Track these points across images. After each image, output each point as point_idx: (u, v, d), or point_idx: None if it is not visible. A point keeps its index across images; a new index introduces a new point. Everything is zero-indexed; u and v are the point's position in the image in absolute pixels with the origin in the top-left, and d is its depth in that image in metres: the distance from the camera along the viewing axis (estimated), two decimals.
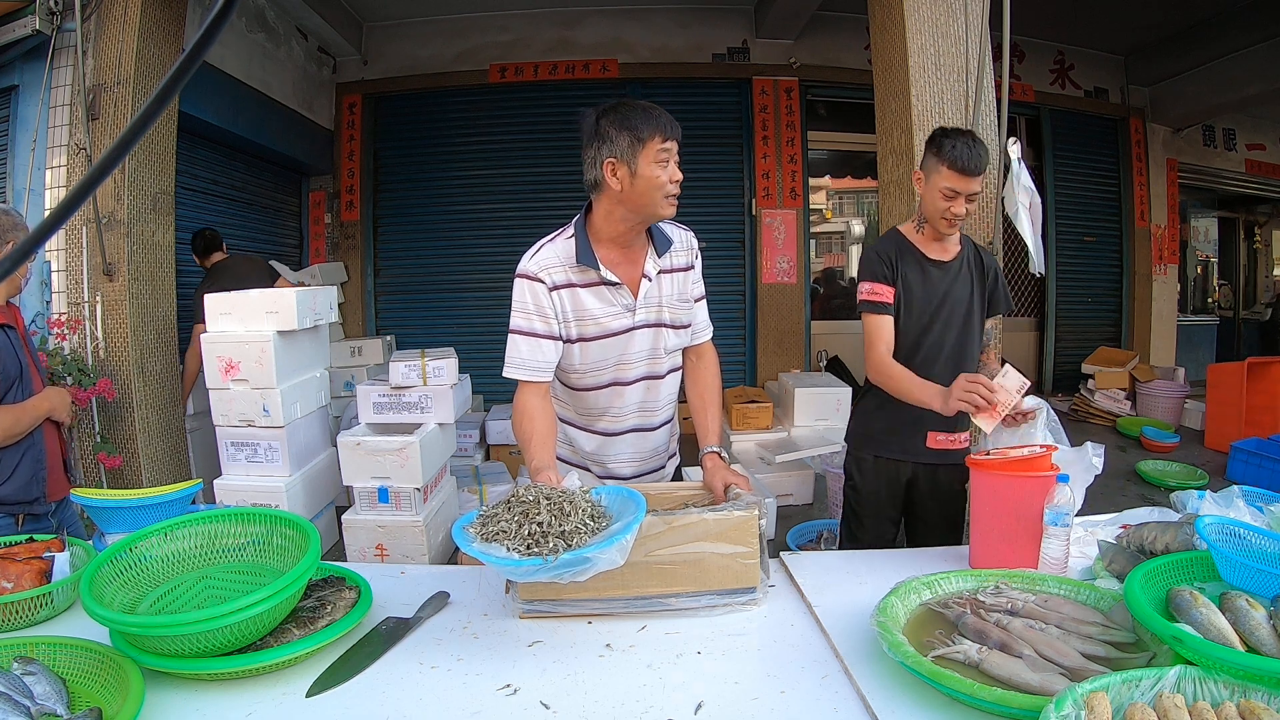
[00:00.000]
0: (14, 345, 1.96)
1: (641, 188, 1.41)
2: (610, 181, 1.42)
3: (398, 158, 5.97)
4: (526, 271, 1.49)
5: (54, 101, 3.37)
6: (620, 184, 1.42)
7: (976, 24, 2.95)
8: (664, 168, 1.41)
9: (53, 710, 0.95)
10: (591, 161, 1.44)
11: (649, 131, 1.39)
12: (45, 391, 2.04)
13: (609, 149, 1.41)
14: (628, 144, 1.40)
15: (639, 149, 1.40)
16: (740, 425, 4.51)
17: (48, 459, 2.03)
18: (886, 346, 1.82)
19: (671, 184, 1.42)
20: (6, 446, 1.90)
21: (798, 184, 5.79)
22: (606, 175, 1.42)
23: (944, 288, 1.87)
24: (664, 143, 1.40)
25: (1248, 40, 5.49)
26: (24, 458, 1.95)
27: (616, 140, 1.40)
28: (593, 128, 1.43)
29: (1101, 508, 1.69)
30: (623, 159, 1.40)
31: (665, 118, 1.42)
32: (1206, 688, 0.85)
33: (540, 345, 1.49)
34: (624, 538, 1.09)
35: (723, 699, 1.00)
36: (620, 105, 1.43)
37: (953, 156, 1.72)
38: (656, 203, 1.43)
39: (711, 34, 5.76)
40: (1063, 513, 1.27)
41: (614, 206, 1.46)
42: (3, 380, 1.89)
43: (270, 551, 1.30)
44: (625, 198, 1.43)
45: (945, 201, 1.77)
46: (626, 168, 1.41)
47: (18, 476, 1.93)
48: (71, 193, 0.40)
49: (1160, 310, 6.61)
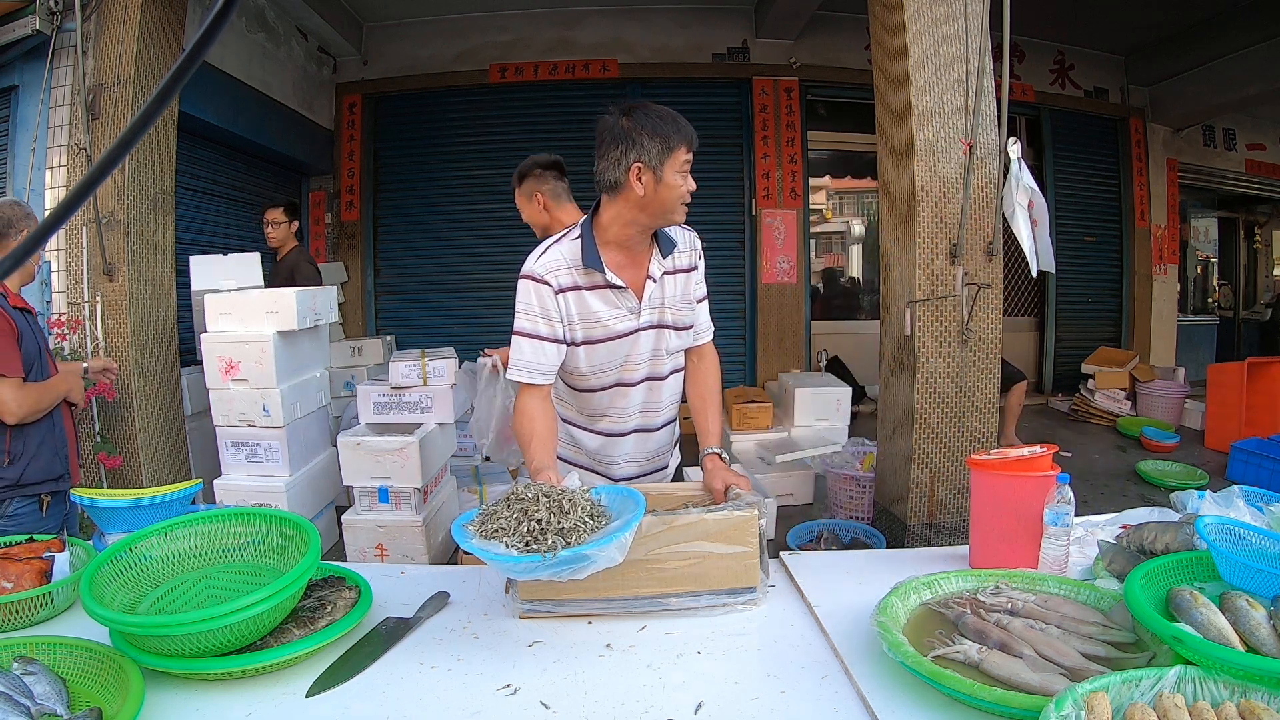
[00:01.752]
0: (34, 330, 2.09)
1: (664, 195, 1.41)
2: (634, 186, 1.40)
3: (398, 158, 5.97)
4: (532, 273, 1.48)
5: (54, 101, 3.37)
6: (644, 190, 1.41)
7: (976, 24, 2.95)
8: (685, 177, 1.43)
9: (53, 710, 0.95)
10: (615, 163, 1.41)
11: (678, 141, 1.40)
12: (62, 372, 2.17)
13: (637, 153, 1.39)
14: (657, 151, 1.39)
15: (667, 157, 1.39)
16: (740, 425, 4.51)
17: (68, 441, 2.17)
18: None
19: (688, 193, 1.44)
20: (30, 425, 2.02)
21: (798, 184, 5.79)
22: (631, 179, 1.40)
23: None
24: (688, 153, 1.41)
25: (1248, 40, 5.49)
26: (46, 439, 2.07)
27: (647, 146, 1.38)
28: (620, 130, 1.41)
29: (1101, 508, 1.70)
30: (649, 165, 1.39)
31: (689, 128, 1.43)
32: (1206, 688, 0.85)
33: (543, 348, 1.49)
34: (623, 535, 1.09)
35: (723, 699, 1.00)
36: (647, 109, 1.41)
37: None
38: (673, 209, 1.45)
39: (711, 34, 5.76)
40: (1063, 513, 1.27)
41: (629, 210, 1.45)
42: (25, 361, 2.01)
43: (270, 551, 1.30)
44: (647, 204, 1.42)
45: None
46: (653, 174, 1.40)
47: (41, 456, 2.05)
48: (72, 192, 0.40)
49: (1160, 310, 6.61)
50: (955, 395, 3.06)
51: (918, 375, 3.04)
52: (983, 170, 2.99)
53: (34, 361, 2.06)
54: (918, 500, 3.10)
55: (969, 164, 2.95)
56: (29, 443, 2.03)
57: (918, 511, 3.11)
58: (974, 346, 3.04)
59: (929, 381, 3.05)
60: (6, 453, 2.00)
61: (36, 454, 2.05)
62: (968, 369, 3.05)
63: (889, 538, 3.19)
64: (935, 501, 3.09)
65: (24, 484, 2.03)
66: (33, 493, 2.05)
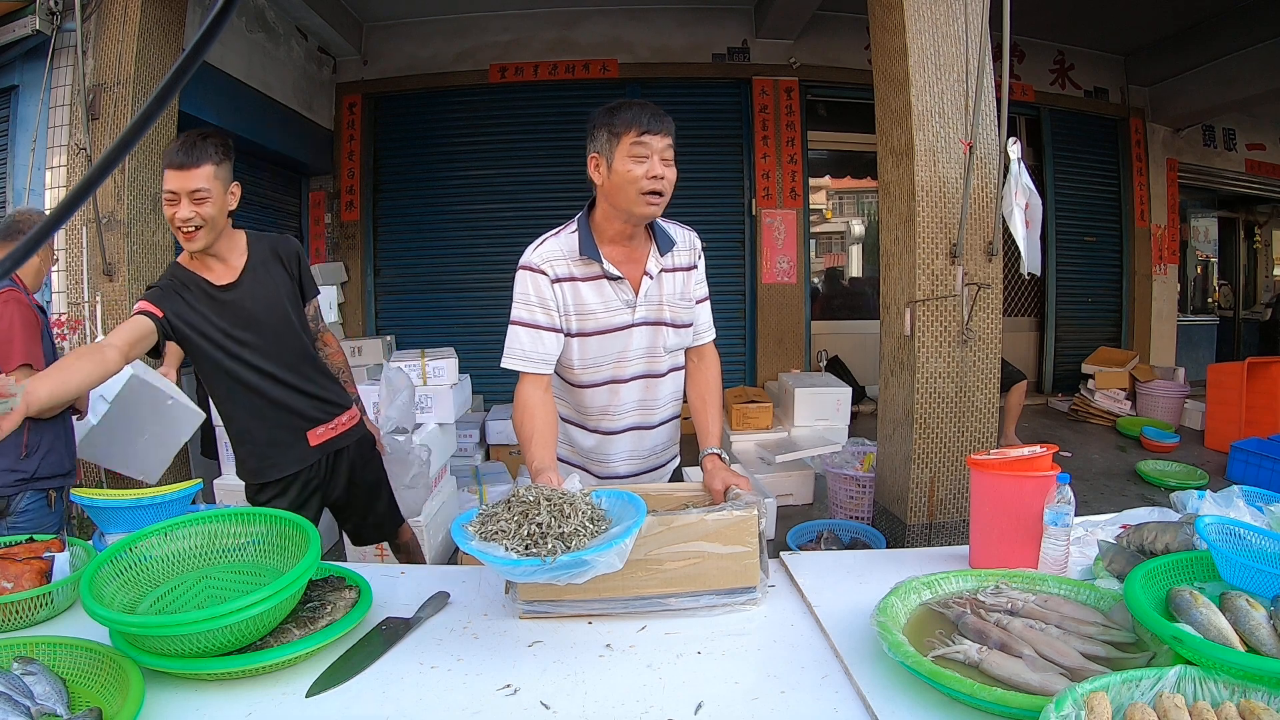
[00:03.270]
0: (47, 329, 2.19)
1: (618, 183, 1.42)
2: (594, 176, 1.47)
3: (398, 158, 5.97)
4: (529, 263, 1.50)
5: (54, 101, 3.37)
6: (602, 179, 1.45)
7: (976, 24, 2.95)
8: (639, 163, 1.40)
9: (53, 710, 0.95)
10: (587, 160, 1.48)
11: (623, 126, 1.40)
12: None
13: (593, 145, 1.45)
14: (606, 139, 1.42)
15: (616, 144, 1.41)
16: (740, 425, 4.51)
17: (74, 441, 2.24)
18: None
19: (649, 180, 1.40)
20: (45, 420, 2.10)
21: (798, 184, 5.79)
22: (591, 171, 1.46)
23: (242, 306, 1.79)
24: (639, 136, 1.39)
25: (1248, 40, 5.49)
26: (56, 436, 2.14)
27: (598, 136, 1.44)
28: (589, 125, 1.47)
29: (1101, 508, 1.70)
30: (602, 154, 1.43)
31: (647, 112, 1.41)
32: (1206, 688, 0.85)
33: (541, 336, 1.49)
34: (623, 541, 1.08)
35: (723, 699, 1.00)
36: (615, 103, 1.45)
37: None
38: (631, 199, 1.42)
39: (711, 34, 5.76)
40: (1063, 513, 1.26)
41: (603, 202, 1.49)
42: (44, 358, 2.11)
43: (270, 551, 1.30)
44: (609, 193, 1.46)
45: (171, 208, 1.68)
46: (606, 163, 1.43)
47: (55, 451, 2.12)
48: (72, 192, 0.40)
49: (1160, 310, 6.61)
50: (955, 395, 3.06)
51: (918, 375, 3.04)
52: (983, 170, 2.99)
53: (49, 359, 2.14)
54: (918, 500, 3.10)
55: (969, 164, 2.95)
56: (45, 437, 2.09)
57: (918, 511, 3.11)
58: (974, 346, 3.05)
59: (929, 381, 3.05)
60: (24, 445, 2.06)
61: (51, 448, 2.11)
62: (968, 369, 3.06)
63: (889, 538, 3.19)
64: (935, 501, 3.09)
65: (38, 478, 2.09)
66: (44, 487, 2.10)
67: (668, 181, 1.43)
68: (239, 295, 1.78)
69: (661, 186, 1.42)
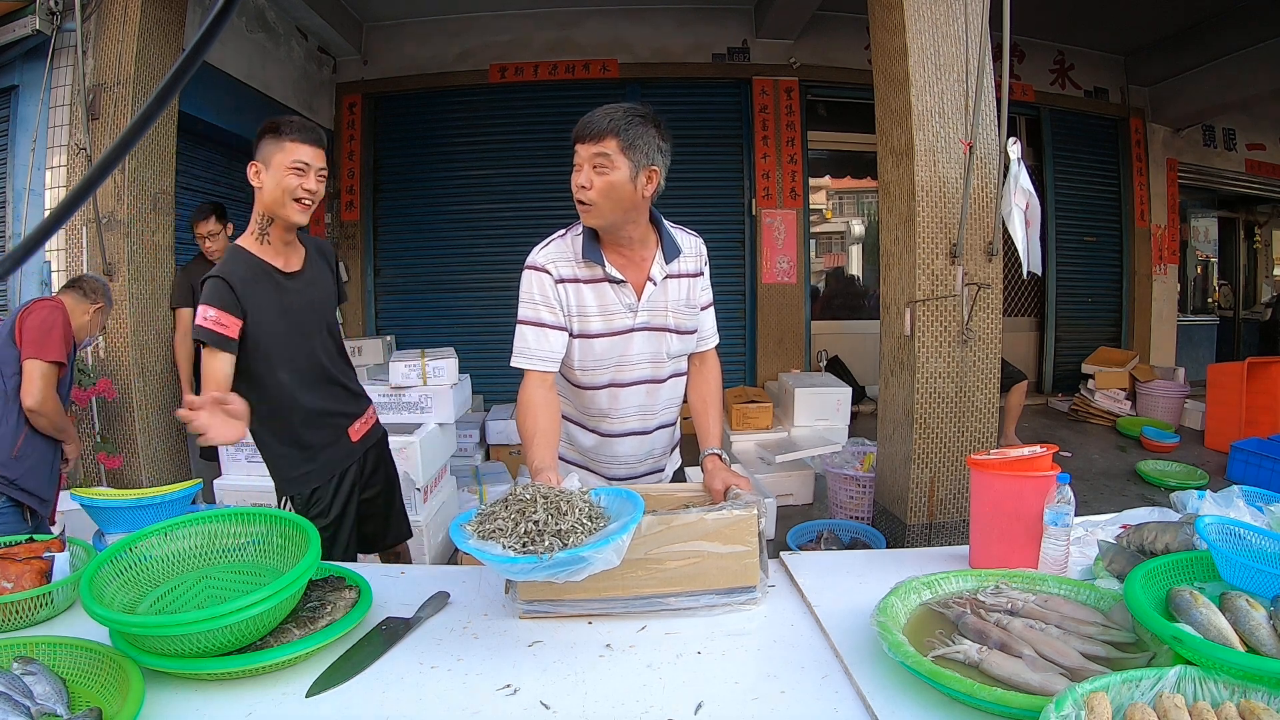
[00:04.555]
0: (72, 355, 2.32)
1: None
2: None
3: (398, 158, 5.97)
4: (534, 264, 1.52)
5: (54, 101, 3.37)
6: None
7: (976, 24, 2.95)
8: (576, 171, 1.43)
9: (53, 710, 0.95)
10: None
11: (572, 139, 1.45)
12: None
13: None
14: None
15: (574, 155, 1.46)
16: (740, 425, 4.51)
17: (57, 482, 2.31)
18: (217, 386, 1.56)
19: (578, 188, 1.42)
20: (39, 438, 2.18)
21: (798, 184, 5.79)
22: None
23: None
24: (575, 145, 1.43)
25: (1248, 40, 5.49)
26: (46, 460, 2.22)
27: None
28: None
29: (1101, 508, 1.70)
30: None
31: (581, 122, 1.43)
32: (1206, 688, 0.85)
33: (547, 335, 1.50)
34: (620, 538, 1.08)
35: (723, 699, 1.00)
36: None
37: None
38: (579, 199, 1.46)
39: (711, 34, 5.76)
40: (1063, 513, 1.26)
41: None
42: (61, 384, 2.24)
43: (270, 551, 1.30)
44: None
45: (297, 178, 1.64)
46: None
47: (39, 472, 2.18)
48: (72, 192, 0.40)
49: (1160, 310, 6.61)
50: (955, 395, 3.06)
51: (918, 375, 3.04)
52: (982, 170, 2.99)
53: (68, 376, 2.28)
54: (918, 500, 3.10)
55: (969, 164, 2.95)
56: (36, 450, 2.16)
57: (918, 511, 3.11)
58: (974, 346, 3.05)
59: (929, 381, 3.05)
60: (17, 448, 2.10)
61: (37, 466, 2.17)
62: (968, 369, 3.06)
63: (889, 538, 3.19)
64: (935, 501, 3.09)
65: (20, 487, 2.12)
66: (21, 499, 2.14)
67: (593, 191, 1.41)
68: (303, 285, 1.78)
69: (581, 195, 1.43)
